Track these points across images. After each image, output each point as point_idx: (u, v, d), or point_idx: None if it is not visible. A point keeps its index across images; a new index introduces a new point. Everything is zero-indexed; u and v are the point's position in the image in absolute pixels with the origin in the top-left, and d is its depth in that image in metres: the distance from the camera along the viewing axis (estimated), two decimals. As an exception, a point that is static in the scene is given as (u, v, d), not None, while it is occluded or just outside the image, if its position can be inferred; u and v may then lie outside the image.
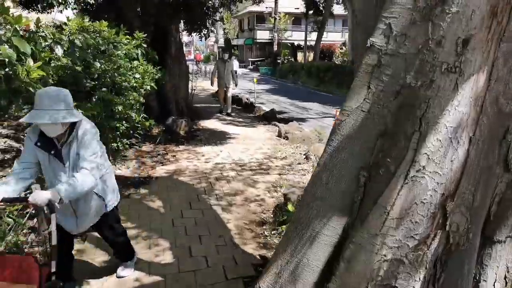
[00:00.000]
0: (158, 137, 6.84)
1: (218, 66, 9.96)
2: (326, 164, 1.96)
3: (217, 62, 10.42)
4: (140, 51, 6.31)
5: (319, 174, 1.99)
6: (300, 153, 6.31)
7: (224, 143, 7.00)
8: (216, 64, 10.25)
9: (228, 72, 9.78)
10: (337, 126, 1.94)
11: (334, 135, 1.96)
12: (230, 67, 9.84)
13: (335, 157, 1.91)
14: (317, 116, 12.17)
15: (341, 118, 1.95)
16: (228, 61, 9.85)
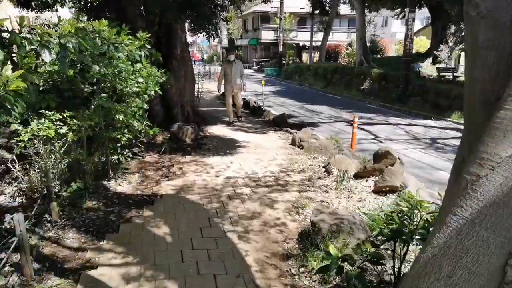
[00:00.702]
0: (163, 146, 6.29)
1: (225, 69, 9.14)
2: (448, 245, 1.30)
3: (222, 64, 9.62)
4: (143, 52, 5.77)
5: (434, 261, 1.33)
6: (319, 165, 5.75)
7: (234, 152, 6.45)
8: (222, 67, 9.42)
9: (236, 74, 9.00)
10: (470, 185, 1.27)
11: (466, 199, 1.29)
12: (238, 68, 9.05)
13: (468, 235, 1.27)
14: (329, 120, 11.60)
15: (479, 172, 1.28)
16: (234, 62, 9.05)
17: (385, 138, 9.25)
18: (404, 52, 15.09)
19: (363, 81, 17.81)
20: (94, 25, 5.38)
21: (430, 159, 7.52)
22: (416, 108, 13.48)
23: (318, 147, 6.39)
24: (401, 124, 11.22)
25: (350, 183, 4.77)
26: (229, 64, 9.02)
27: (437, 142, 9.06)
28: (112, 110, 4.38)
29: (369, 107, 14.69)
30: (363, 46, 22.49)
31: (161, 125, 7.96)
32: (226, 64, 9.20)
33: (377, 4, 23.28)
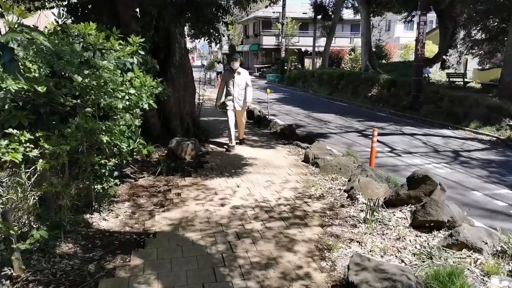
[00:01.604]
0: (159, 167, 5.50)
1: (226, 80, 7.08)
2: None
3: (223, 75, 7.46)
4: (136, 59, 5.02)
5: None
6: (340, 188, 4.95)
7: (240, 172, 5.65)
8: (223, 78, 7.30)
9: (240, 87, 6.98)
10: None
11: None
12: (243, 79, 6.99)
13: None
14: (339, 130, 10.82)
15: None
16: (239, 73, 6.97)
17: (403, 151, 8.46)
18: (415, 57, 14.33)
19: (371, 88, 17.05)
20: (80, 28, 4.64)
21: (458, 176, 6.72)
22: (429, 116, 12.71)
23: (336, 166, 5.59)
24: (417, 135, 10.44)
25: (381, 213, 3.97)
26: (232, 74, 6.98)
27: (461, 155, 8.27)
28: (94, 130, 3.60)
29: (379, 116, 13.92)
30: (369, 51, 21.77)
31: (158, 140, 7.20)
32: (227, 73, 7.13)
33: (383, 8, 22.60)
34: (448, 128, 11.34)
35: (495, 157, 8.15)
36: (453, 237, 3.21)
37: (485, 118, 10.94)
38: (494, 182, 6.46)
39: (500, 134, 9.94)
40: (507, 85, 12.82)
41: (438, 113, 12.69)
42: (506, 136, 9.68)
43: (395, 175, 6.65)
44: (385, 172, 6.78)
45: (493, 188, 6.13)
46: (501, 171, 7.11)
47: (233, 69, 7.03)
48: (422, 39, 13.70)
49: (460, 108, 12.13)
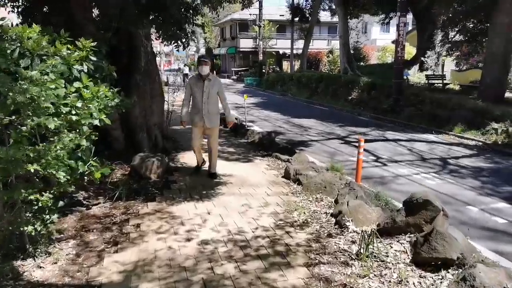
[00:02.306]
0: (117, 190, 4.74)
1: (193, 90, 5.42)
2: None
3: (189, 82, 5.64)
4: (86, 66, 4.28)
5: None
6: (326, 212, 4.32)
7: (212, 194, 4.95)
8: (188, 85, 5.55)
9: (211, 99, 5.37)
10: None
11: None
12: (214, 89, 5.38)
13: None
14: (320, 137, 10.26)
15: None
16: (209, 80, 5.36)
17: (388, 160, 7.96)
18: (395, 59, 14.00)
19: (351, 91, 16.65)
20: (17, 31, 3.86)
21: (450, 188, 6.24)
22: (411, 120, 12.34)
23: (320, 183, 4.97)
24: (400, 140, 10.00)
25: (376, 245, 3.36)
26: (200, 81, 5.33)
27: (449, 163, 7.83)
28: (19, 158, 2.83)
29: (360, 120, 13.48)
30: (347, 54, 21.49)
31: (121, 156, 6.42)
32: (194, 80, 5.44)
33: (360, 10, 22.36)
34: (431, 133, 10.97)
35: (485, 164, 7.75)
36: (467, 282, 2.62)
37: (469, 122, 10.62)
38: (489, 194, 6.00)
39: (486, 139, 9.61)
40: (487, 86, 12.63)
41: (420, 116, 12.35)
42: (492, 141, 9.35)
43: (384, 188, 6.10)
44: (372, 185, 6.24)
45: (489, 202, 5.66)
46: (493, 180, 6.68)
47: (201, 75, 5.33)
48: (402, 41, 13.36)
49: (442, 111, 11.80)
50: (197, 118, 5.41)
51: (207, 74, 5.37)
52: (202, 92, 5.32)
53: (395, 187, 6.28)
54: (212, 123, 5.45)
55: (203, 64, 5.31)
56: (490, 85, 12.50)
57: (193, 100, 5.47)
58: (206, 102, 5.34)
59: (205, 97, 5.32)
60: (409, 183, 6.48)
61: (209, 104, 5.37)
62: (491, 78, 12.51)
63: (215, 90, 5.41)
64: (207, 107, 5.36)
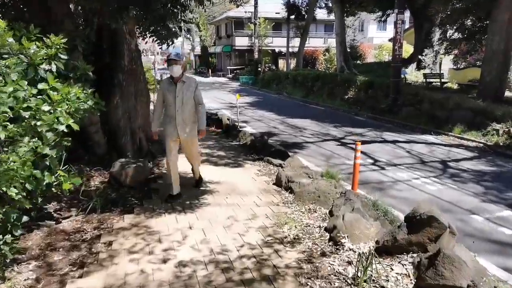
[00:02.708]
0: (91, 202, 4.32)
1: (164, 95, 4.52)
2: None
3: (160, 87, 4.74)
4: (54, 65, 3.89)
5: None
6: (320, 225, 3.94)
7: (196, 205, 4.55)
8: (160, 91, 4.63)
9: (186, 105, 4.46)
10: None
11: None
12: (189, 93, 4.46)
13: None
14: (316, 139, 9.88)
15: None
16: (183, 82, 4.45)
17: (387, 163, 7.59)
18: (393, 58, 13.63)
19: (348, 90, 16.29)
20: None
21: (452, 194, 5.88)
22: (410, 120, 11.99)
23: (313, 192, 4.59)
24: (399, 142, 9.63)
25: (374, 266, 2.98)
26: (171, 84, 4.45)
27: (449, 166, 7.47)
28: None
29: (357, 120, 13.11)
30: (344, 52, 21.11)
31: (103, 161, 6.03)
32: (166, 84, 4.52)
33: (357, 7, 21.98)
34: (430, 134, 10.62)
35: (487, 167, 7.39)
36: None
37: (469, 122, 10.28)
38: (493, 201, 5.64)
39: (487, 140, 9.26)
40: (487, 85, 12.29)
41: (419, 116, 12.00)
42: (494, 142, 9.00)
43: (382, 195, 5.74)
44: (370, 191, 5.87)
45: (493, 210, 5.30)
46: (497, 185, 6.32)
47: (173, 78, 4.41)
48: (399, 39, 13.00)
49: (441, 111, 11.45)
50: (171, 128, 4.48)
51: (179, 76, 4.41)
52: (174, 98, 4.40)
53: (394, 193, 5.91)
54: (188, 134, 4.52)
55: (173, 63, 4.30)
56: (490, 84, 12.17)
57: (165, 108, 4.56)
58: (180, 109, 4.41)
59: (179, 103, 4.39)
60: (408, 189, 6.11)
61: (184, 112, 4.43)
62: (490, 77, 12.16)
63: (190, 93, 4.47)
64: (182, 115, 4.43)
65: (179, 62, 4.34)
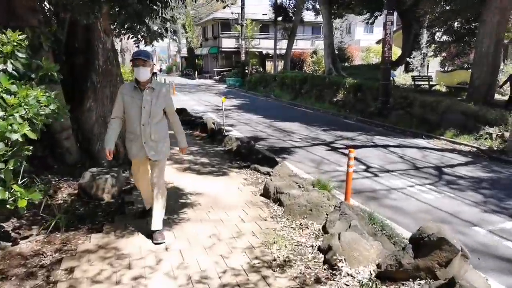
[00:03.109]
0: (54, 219, 3.81)
1: (126, 104, 3.48)
2: None
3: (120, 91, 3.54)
4: (11, 64, 3.41)
5: None
6: (312, 245, 3.51)
7: (175, 220, 4.09)
8: (120, 96, 3.52)
9: (154, 117, 3.49)
10: None
11: None
12: (159, 102, 3.50)
13: None
14: (305, 143, 9.49)
15: None
16: (152, 89, 3.45)
17: (379, 169, 7.24)
18: (382, 60, 13.38)
19: (336, 92, 15.98)
20: None
21: (450, 203, 5.54)
22: (400, 124, 11.72)
23: (305, 205, 4.16)
24: (390, 146, 9.31)
25: (377, 296, 2.57)
26: (136, 91, 3.45)
27: (445, 172, 7.15)
28: None
29: (347, 123, 12.78)
30: (332, 54, 20.86)
31: (74, 171, 5.51)
32: (129, 90, 3.49)
33: (344, 9, 21.79)
34: (422, 137, 10.35)
35: (483, 174, 7.10)
36: None
37: (461, 126, 10.04)
38: (494, 210, 5.31)
39: (480, 144, 9.00)
40: (477, 88, 12.10)
41: (409, 119, 11.75)
42: (487, 147, 8.74)
43: (377, 205, 5.38)
44: (364, 201, 5.51)
45: (496, 221, 4.96)
46: (496, 193, 6.01)
47: (139, 82, 3.42)
48: (389, 40, 12.75)
49: (432, 114, 11.21)
50: (135, 147, 3.53)
51: (147, 80, 3.41)
52: (139, 108, 3.40)
53: (389, 203, 5.54)
54: (157, 154, 3.52)
55: (140, 64, 3.31)
56: (480, 87, 11.98)
57: (127, 121, 3.52)
58: (148, 123, 3.42)
59: (145, 115, 3.41)
60: (404, 198, 5.75)
61: (152, 126, 3.45)
62: (480, 79, 11.98)
63: (161, 103, 3.48)
64: (149, 130, 3.44)
65: (148, 64, 3.36)
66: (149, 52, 3.49)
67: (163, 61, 74.02)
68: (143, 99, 3.42)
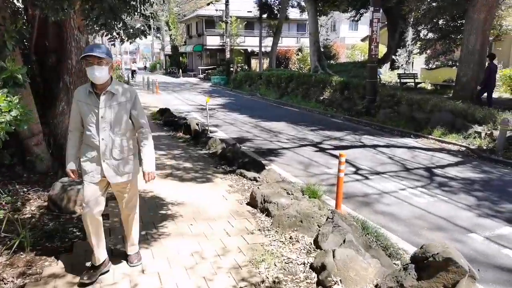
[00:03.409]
0: (18, 238, 3.43)
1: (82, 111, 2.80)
2: None
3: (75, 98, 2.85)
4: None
5: None
6: (304, 262, 3.23)
7: (153, 236, 3.74)
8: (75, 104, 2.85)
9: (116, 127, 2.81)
10: None
11: None
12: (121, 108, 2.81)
13: None
14: (292, 144, 9.22)
15: None
16: (110, 94, 2.77)
17: (370, 171, 7.01)
18: (369, 57, 13.20)
19: (323, 91, 15.78)
20: None
21: (444, 208, 5.33)
22: (388, 123, 11.57)
23: (295, 216, 3.87)
24: (379, 146, 9.12)
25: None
26: (91, 96, 2.78)
27: (435, 174, 6.97)
28: None
29: (334, 122, 12.58)
30: (318, 51, 20.68)
31: (45, 180, 5.11)
32: (83, 94, 2.81)
33: (329, 6, 21.60)
34: (410, 137, 10.20)
35: (474, 174, 6.94)
36: None
37: (449, 124, 9.92)
38: (489, 214, 5.13)
39: (469, 143, 8.89)
40: (463, 86, 12.04)
41: (396, 118, 11.62)
42: (477, 146, 8.62)
43: (369, 211, 5.14)
44: (355, 206, 5.26)
45: (492, 226, 4.77)
46: (489, 196, 5.85)
47: (94, 85, 2.77)
48: (376, 38, 12.57)
49: (420, 113, 11.08)
50: (91, 165, 2.82)
51: (106, 83, 2.75)
52: (97, 117, 2.75)
53: (381, 208, 5.30)
54: (122, 174, 2.87)
55: (94, 62, 2.62)
56: (466, 85, 11.92)
57: (85, 132, 2.85)
58: (108, 136, 2.78)
59: (104, 125, 2.76)
60: (396, 202, 5.52)
61: (115, 139, 2.81)
62: (467, 77, 11.92)
63: (124, 111, 2.82)
64: (110, 146, 2.80)
65: (105, 61, 2.66)
66: (106, 47, 2.77)
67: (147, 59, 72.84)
68: (100, 106, 2.75)
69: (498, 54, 16.93)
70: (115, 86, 2.82)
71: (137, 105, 2.91)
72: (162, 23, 43.98)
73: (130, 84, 27.16)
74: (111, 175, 2.84)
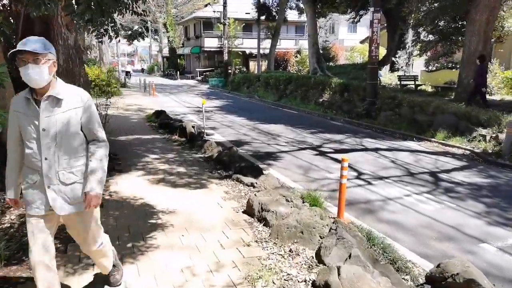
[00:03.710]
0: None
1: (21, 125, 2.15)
2: None
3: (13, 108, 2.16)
4: None
5: None
6: (306, 279, 2.93)
7: (141, 248, 3.43)
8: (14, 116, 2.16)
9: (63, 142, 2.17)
10: None
11: None
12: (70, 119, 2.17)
13: None
14: (291, 147, 8.92)
15: None
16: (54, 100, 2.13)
17: (372, 176, 6.72)
18: (369, 59, 12.94)
19: (322, 93, 15.51)
20: None
21: (452, 215, 5.04)
22: (389, 125, 11.30)
23: (295, 227, 3.57)
24: (381, 150, 8.83)
25: None
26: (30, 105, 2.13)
27: (441, 179, 6.69)
28: None
29: (334, 125, 12.30)
30: (317, 53, 20.43)
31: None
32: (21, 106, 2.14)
33: (328, 8, 21.37)
34: (412, 140, 9.92)
35: (481, 179, 6.66)
36: None
37: (453, 127, 9.64)
38: (499, 222, 4.84)
39: (473, 147, 8.61)
40: (465, 88, 11.79)
41: (398, 120, 11.34)
42: (482, 149, 8.35)
43: (373, 220, 4.84)
44: (358, 214, 4.97)
45: (504, 235, 4.48)
46: (498, 202, 5.56)
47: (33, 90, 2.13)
48: (376, 39, 12.32)
49: (422, 115, 10.81)
50: (33, 194, 2.21)
51: (46, 86, 2.12)
52: (38, 130, 2.14)
53: (386, 216, 5.00)
54: (73, 204, 2.25)
55: (28, 60, 2.00)
56: (468, 87, 11.66)
57: (26, 151, 2.18)
58: (53, 154, 2.16)
59: (47, 140, 2.14)
60: (402, 209, 5.23)
61: (61, 158, 2.19)
62: (469, 79, 11.66)
63: (73, 120, 2.21)
64: (55, 165, 2.18)
65: (43, 58, 2.04)
66: (43, 40, 2.10)
67: (145, 61, 72.57)
68: (41, 116, 2.11)
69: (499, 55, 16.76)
70: (60, 89, 2.17)
71: (91, 113, 2.27)
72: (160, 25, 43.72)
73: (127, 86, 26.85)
74: (58, 206, 2.18)
